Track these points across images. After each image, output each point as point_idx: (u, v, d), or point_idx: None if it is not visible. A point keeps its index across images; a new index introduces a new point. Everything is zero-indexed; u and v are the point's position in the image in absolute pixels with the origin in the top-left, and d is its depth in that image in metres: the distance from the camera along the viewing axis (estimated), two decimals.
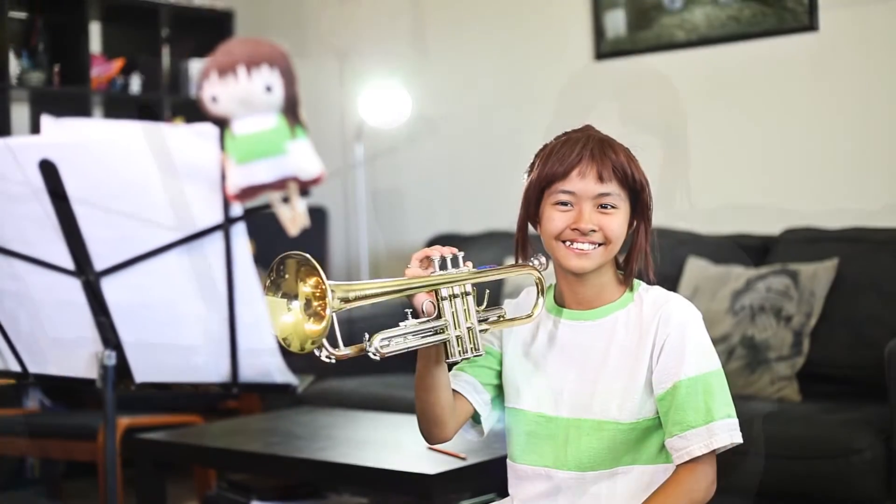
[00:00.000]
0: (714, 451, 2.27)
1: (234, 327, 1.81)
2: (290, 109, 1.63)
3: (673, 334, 2.29)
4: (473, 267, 2.29)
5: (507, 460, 2.47)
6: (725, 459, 3.72)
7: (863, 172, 4.80)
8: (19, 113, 6.08)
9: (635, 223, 2.38)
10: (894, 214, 4.64)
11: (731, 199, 5.13)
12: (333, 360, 2.11)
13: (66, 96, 6.03)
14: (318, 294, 2.07)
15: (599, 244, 2.31)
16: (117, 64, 6.29)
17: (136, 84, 6.34)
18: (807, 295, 4.25)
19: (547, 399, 2.38)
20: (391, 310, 5.66)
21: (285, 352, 1.88)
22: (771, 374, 4.19)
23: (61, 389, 5.87)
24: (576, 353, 2.37)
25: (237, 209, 1.73)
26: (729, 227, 4.98)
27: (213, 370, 1.88)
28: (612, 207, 2.32)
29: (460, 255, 2.27)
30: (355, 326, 5.43)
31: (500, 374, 2.46)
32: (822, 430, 3.73)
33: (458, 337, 2.23)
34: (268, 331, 1.82)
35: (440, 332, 2.23)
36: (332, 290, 2.04)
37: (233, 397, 5.60)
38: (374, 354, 2.15)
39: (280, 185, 1.65)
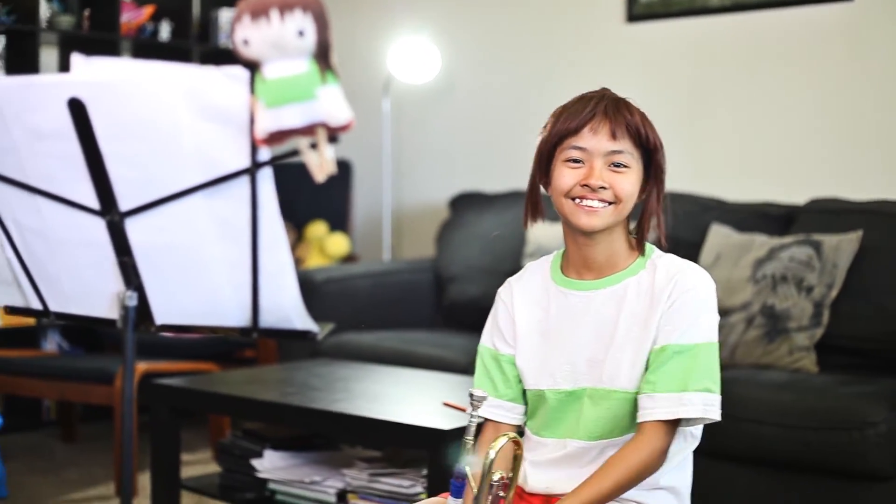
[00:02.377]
0: (678, 420, 2.24)
1: (256, 272, 1.81)
2: (322, 55, 1.63)
3: (679, 300, 2.25)
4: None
5: (527, 429, 2.45)
6: (740, 427, 3.73)
7: (891, 145, 4.77)
8: (48, 56, 6.09)
9: (649, 186, 2.36)
10: None
11: (758, 167, 5.11)
12: None
13: (96, 41, 6.03)
14: None
15: (609, 203, 2.27)
16: (147, 10, 6.28)
17: (165, 31, 6.33)
18: (829, 266, 4.24)
19: (563, 374, 2.35)
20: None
21: (306, 298, 1.88)
22: (789, 344, 4.18)
23: (80, 332, 5.91)
24: (589, 323, 2.34)
25: (265, 153, 1.73)
26: (754, 195, 4.96)
27: (233, 315, 1.88)
28: (625, 167, 2.28)
29: None
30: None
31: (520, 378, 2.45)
32: (838, 402, 3.72)
33: None
34: (290, 277, 1.83)
35: None
36: None
37: (251, 345, 5.62)
38: None
39: (309, 130, 1.64)
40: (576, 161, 2.28)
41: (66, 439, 5.64)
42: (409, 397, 3.82)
